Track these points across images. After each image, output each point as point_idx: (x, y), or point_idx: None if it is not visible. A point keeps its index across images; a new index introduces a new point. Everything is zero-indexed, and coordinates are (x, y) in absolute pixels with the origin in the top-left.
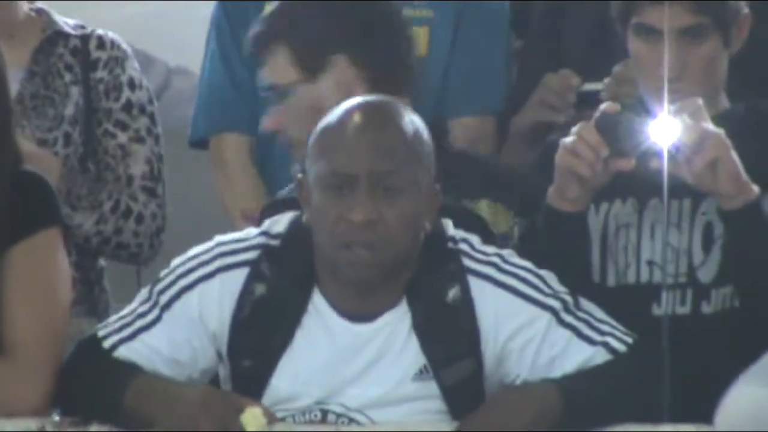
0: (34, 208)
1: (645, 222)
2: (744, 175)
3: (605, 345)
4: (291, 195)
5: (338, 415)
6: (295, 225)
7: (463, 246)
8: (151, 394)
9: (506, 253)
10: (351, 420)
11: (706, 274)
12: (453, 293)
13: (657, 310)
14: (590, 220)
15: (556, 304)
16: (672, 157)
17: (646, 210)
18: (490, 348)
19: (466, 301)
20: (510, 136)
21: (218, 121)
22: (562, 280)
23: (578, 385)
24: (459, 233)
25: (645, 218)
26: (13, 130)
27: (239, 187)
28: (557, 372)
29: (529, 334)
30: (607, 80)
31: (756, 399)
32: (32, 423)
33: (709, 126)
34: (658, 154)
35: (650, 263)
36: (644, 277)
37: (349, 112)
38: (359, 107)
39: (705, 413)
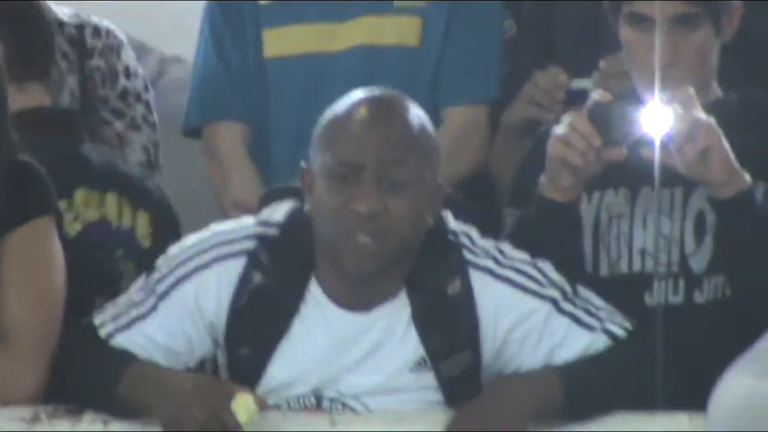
0: (29, 196)
1: (637, 211)
2: (735, 164)
3: (605, 331)
4: (290, 184)
5: (332, 401)
6: (294, 214)
7: (464, 239)
8: (144, 383)
9: (505, 246)
10: (345, 406)
11: (698, 264)
12: (453, 286)
13: (649, 300)
14: (582, 210)
15: (555, 293)
16: (664, 146)
17: (638, 199)
18: (489, 340)
19: (466, 293)
20: (501, 130)
21: (211, 110)
22: (556, 270)
23: (579, 373)
24: (459, 226)
25: (637, 207)
26: (8, 119)
27: (232, 176)
28: (558, 360)
29: (530, 325)
30: (595, 74)
31: (748, 387)
32: (26, 411)
33: (701, 115)
34: (649, 143)
35: (642, 252)
36: (637, 266)
37: (356, 105)
38: (367, 100)
39: (698, 401)
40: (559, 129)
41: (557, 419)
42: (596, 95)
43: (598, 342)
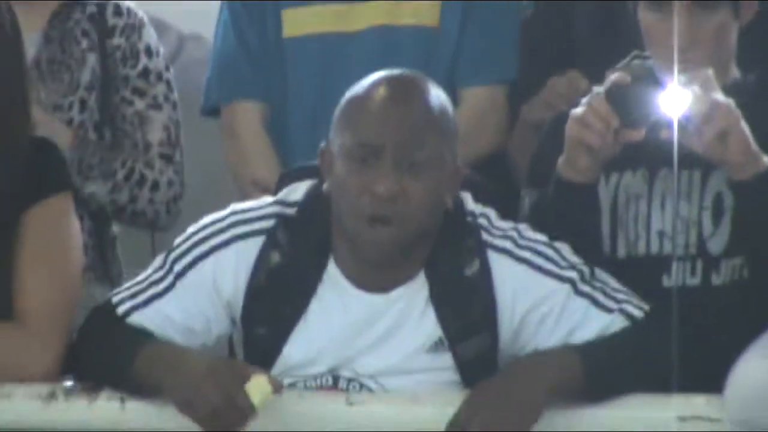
0: (46, 173)
1: (655, 193)
2: (754, 146)
3: (622, 312)
4: (308, 164)
5: (349, 380)
6: (312, 194)
7: (482, 220)
8: (159, 362)
9: (523, 227)
10: (362, 386)
11: (715, 246)
12: (471, 267)
13: (667, 282)
14: (600, 191)
15: (573, 275)
16: (682, 128)
17: (656, 180)
18: (506, 322)
19: (485, 275)
20: (519, 122)
21: (230, 90)
22: (573, 252)
23: (598, 351)
24: (478, 208)
25: (655, 189)
26: (28, 97)
27: (251, 155)
28: (576, 342)
29: (547, 306)
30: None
31: (765, 370)
32: (43, 389)
33: (719, 96)
34: (668, 125)
35: (660, 234)
36: (654, 248)
37: (376, 85)
38: (387, 80)
39: (715, 384)
40: (578, 110)
41: (576, 398)
42: (614, 76)
43: (616, 323)
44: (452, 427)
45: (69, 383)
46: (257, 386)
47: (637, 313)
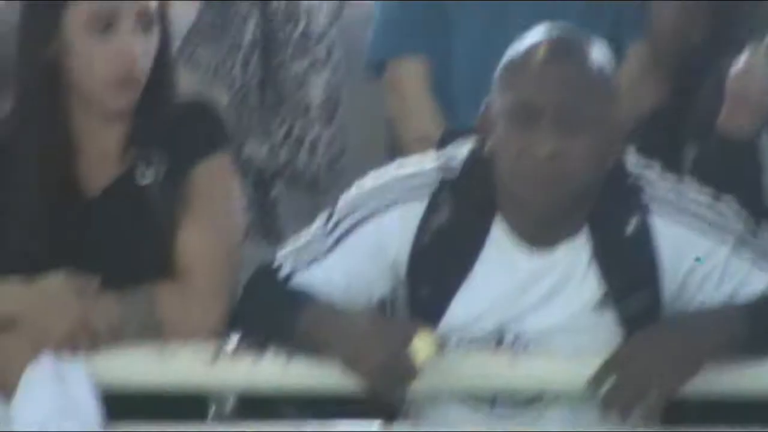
0: (210, 130)
1: None
2: None
3: None
4: (470, 125)
5: (513, 340)
6: (474, 155)
7: (644, 177)
8: (322, 321)
9: (686, 183)
10: (526, 346)
11: None
12: (633, 225)
13: None
14: (763, 145)
15: (736, 231)
16: None
17: None
18: (669, 279)
19: (646, 231)
20: None
21: (394, 45)
22: (738, 206)
23: (763, 309)
24: (640, 164)
25: None
26: (172, 58)
27: (414, 111)
28: (740, 300)
29: (710, 265)
30: None
31: None
32: (208, 348)
33: None
34: None
35: None
36: None
37: (536, 46)
38: (547, 40)
39: None
40: (738, 65)
41: (739, 356)
42: None
43: None
44: (607, 368)
45: (234, 342)
46: (423, 344)
47: None
